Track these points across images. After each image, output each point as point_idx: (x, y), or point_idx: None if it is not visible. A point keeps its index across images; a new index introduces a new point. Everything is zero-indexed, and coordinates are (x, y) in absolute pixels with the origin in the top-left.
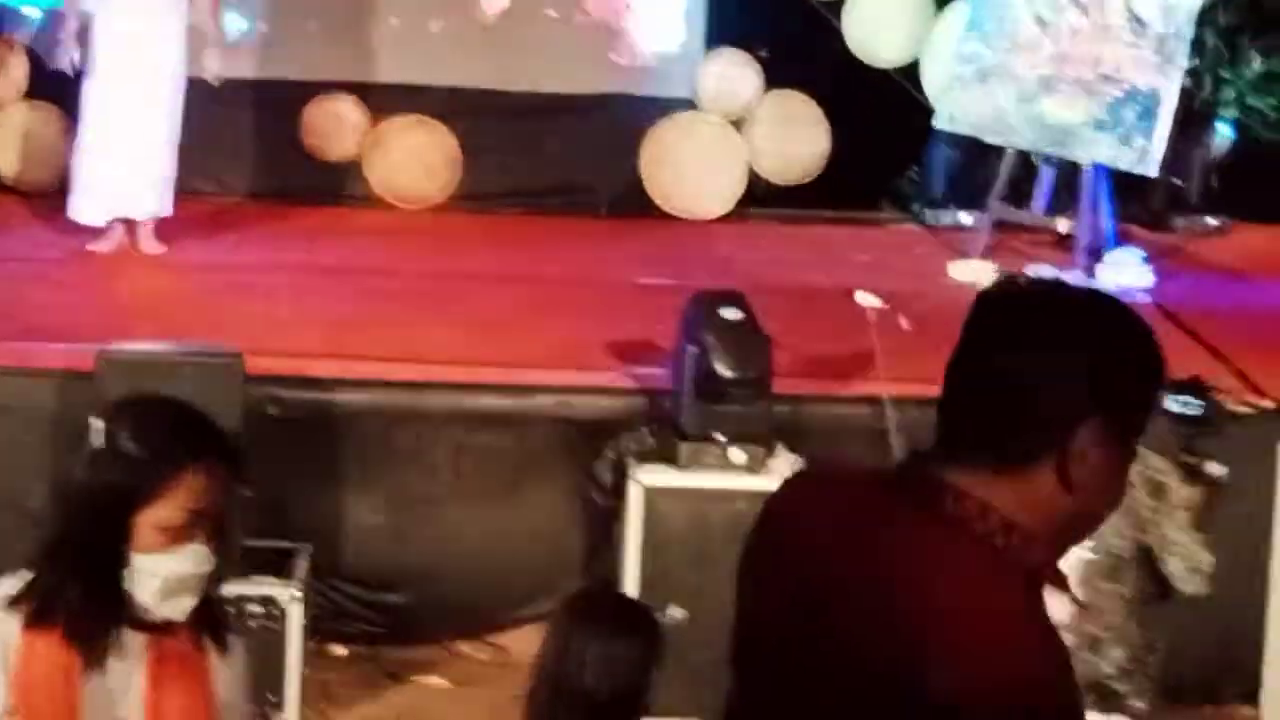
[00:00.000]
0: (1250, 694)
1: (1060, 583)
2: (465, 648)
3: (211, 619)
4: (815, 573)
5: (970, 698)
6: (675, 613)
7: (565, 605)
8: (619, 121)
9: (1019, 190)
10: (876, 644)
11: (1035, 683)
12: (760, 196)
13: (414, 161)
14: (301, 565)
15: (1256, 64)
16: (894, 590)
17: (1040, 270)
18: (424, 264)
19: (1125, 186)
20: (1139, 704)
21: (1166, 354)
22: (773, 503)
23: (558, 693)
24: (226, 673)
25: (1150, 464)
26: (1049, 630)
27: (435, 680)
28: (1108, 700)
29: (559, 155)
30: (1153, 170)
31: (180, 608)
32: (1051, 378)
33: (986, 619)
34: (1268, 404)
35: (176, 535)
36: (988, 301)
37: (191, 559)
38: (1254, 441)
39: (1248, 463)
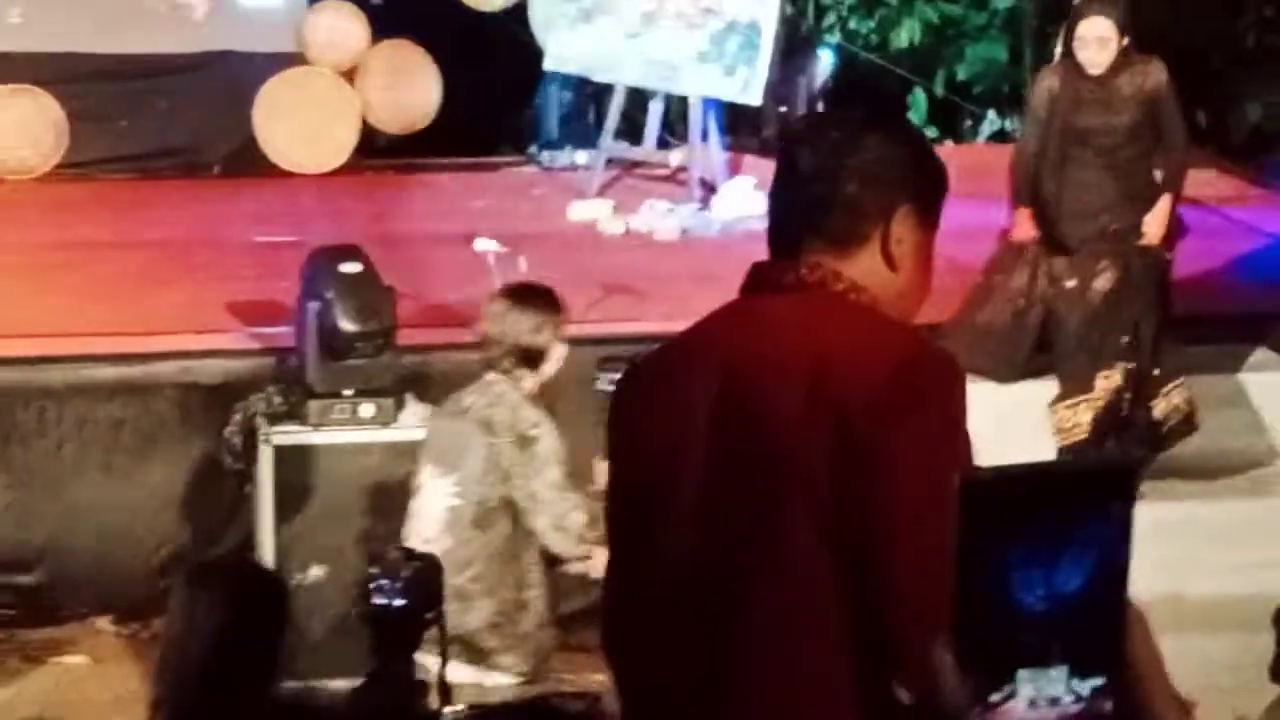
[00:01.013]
0: None
1: None
2: (105, 624)
3: None
4: (708, 385)
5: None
6: (315, 571)
7: (186, 575)
8: (229, 79)
9: (634, 126)
10: (787, 404)
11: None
12: (376, 148)
13: (17, 130)
14: None
15: None
16: (788, 348)
17: (658, 206)
18: (34, 235)
19: (737, 117)
20: (508, 659)
21: None
22: (640, 368)
23: (184, 664)
24: None
25: (521, 416)
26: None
27: (76, 659)
28: (475, 656)
29: (169, 117)
30: (757, 100)
31: None
32: (875, 173)
33: (874, 334)
34: None
35: None
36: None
37: None
38: None
39: None
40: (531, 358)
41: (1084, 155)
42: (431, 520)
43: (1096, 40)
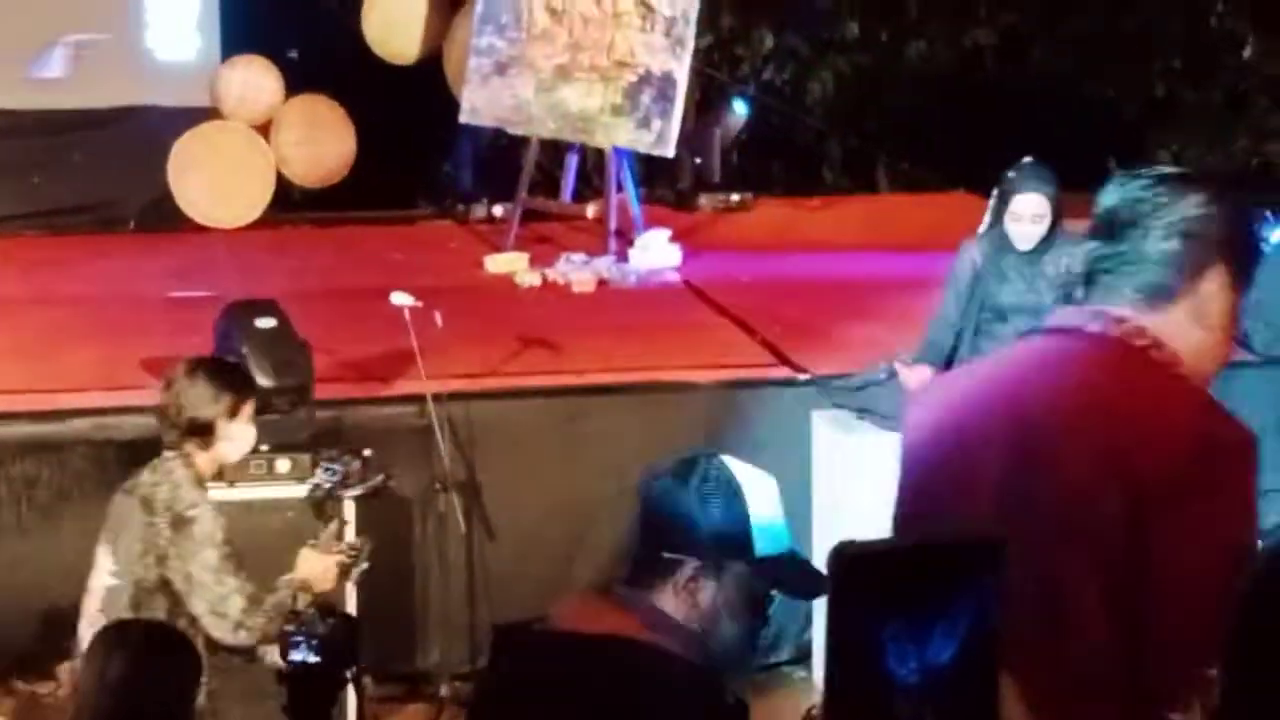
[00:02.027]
0: (803, 657)
1: None
2: (20, 684)
3: None
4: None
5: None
6: None
7: (98, 634)
8: (142, 134)
9: (550, 178)
10: (1079, 464)
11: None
12: (291, 202)
13: None
14: None
15: (769, 40)
16: (1083, 404)
17: (574, 259)
18: None
19: (653, 169)
20: None
21: None
22: (930, 397)
23: None
24: None
25: (180, 495)
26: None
27: None
28: None
29: (82, 172)
30: (669, 151)
31: None
32: (1195, 230)
33: (1172, 402)
34: (793, 374)
35: None
36: (1120, 180)
37: None
38: (787, 410)
39: (784, 430)
40: (204, 435)
41: (1003, 332)
42: (95, 598)
43: (1032, 216)
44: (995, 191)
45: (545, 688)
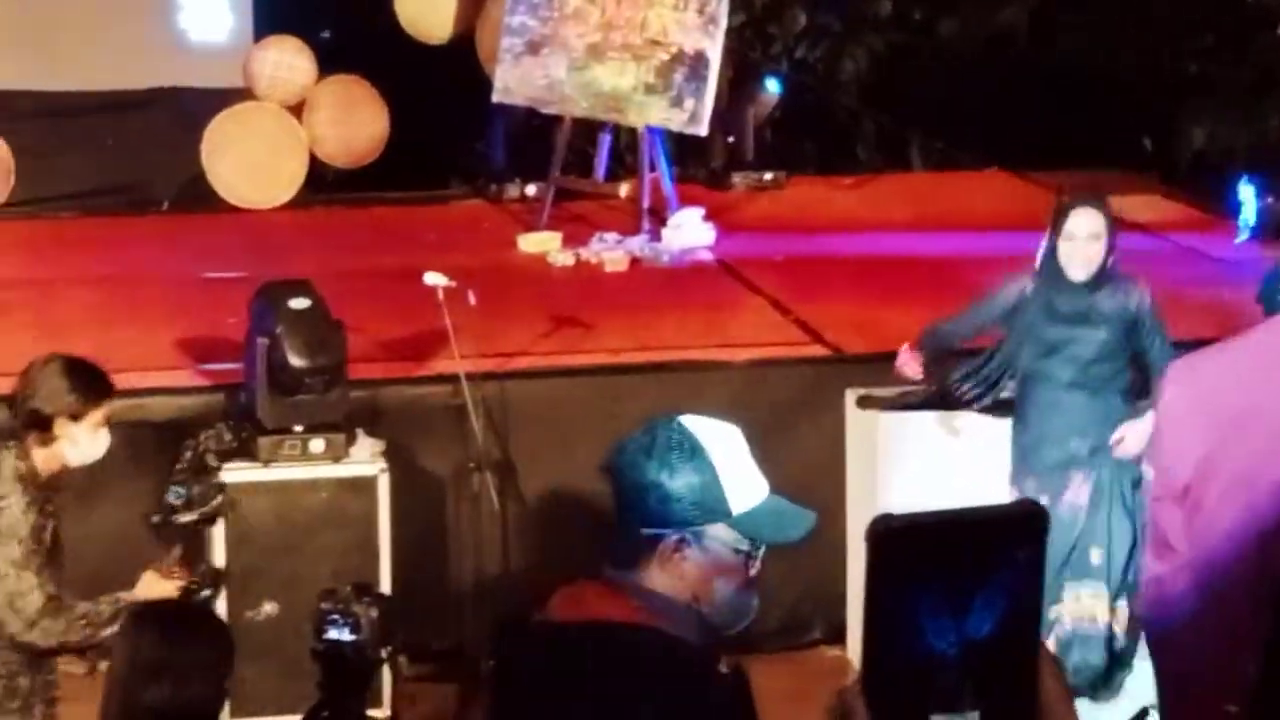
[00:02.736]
0: (836, 635)
1: None
2: (62, 664)
3: None
4: None
5: None
6: (267, 607)
7: (130, 615)
8: (175, 115)
9: (583, 158)
10: None
11: None
12: (325, 182)
13: None
14: None
15: (802, 18)
16: None
17: (607, 238)
18: None
19: (686, 148)
20: None
21: None
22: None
23: (125, 705)
24: None
25: None
26: None
27: None
28: None
29: (115, 153)
30: (703, 130)
31: None
32: None
33: None
34: (826, 351)
35: None
36: None
37: None
38: (822, 387)
39: (819, 408)
40: (43, 430)
41: (1053, 370)
42: None
43: (1087, 235)
44: (1050, 223)
45: (545, 681)
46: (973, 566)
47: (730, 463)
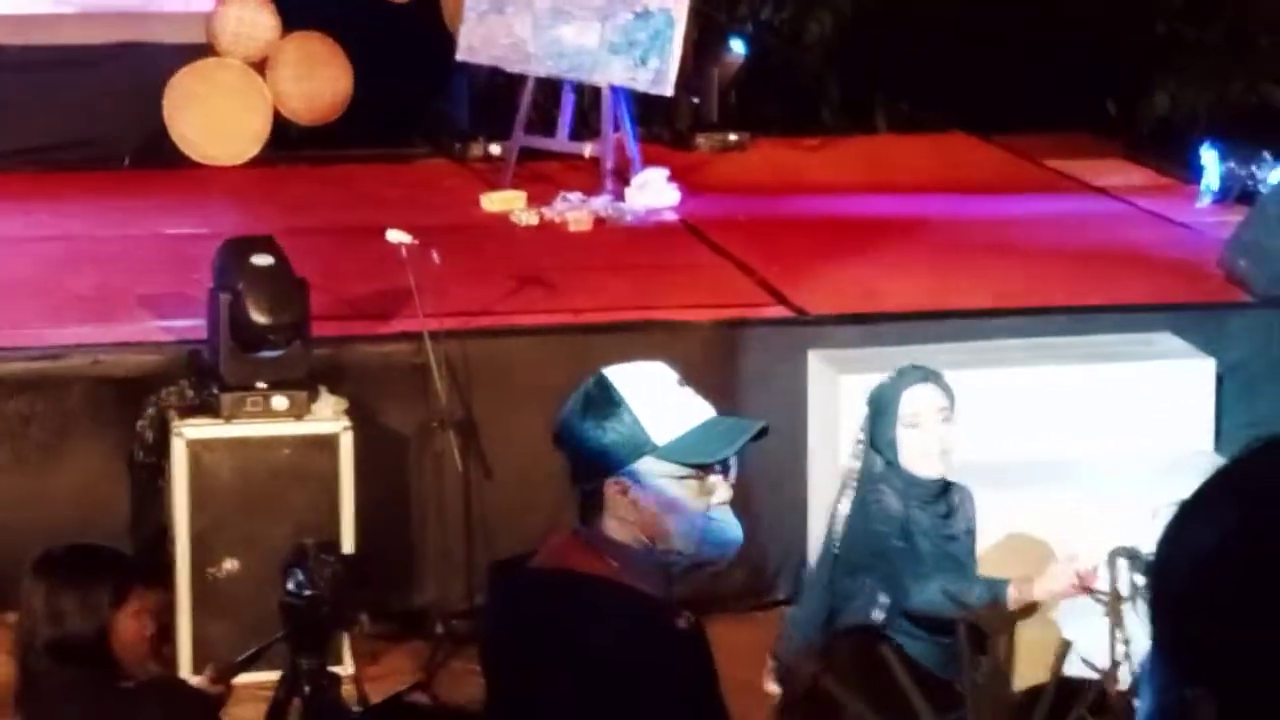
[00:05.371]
0: (799, 595)
1: None
2: (13, 618)
3: None
4: None
5: None
6: (228, 565)
7: (28, 566)
8: (137, 70)
9: (547, 117)
10: None
11: None
12: (288, 140)
13: None
14: None
15: None
16: None
17: (571, 198)
18: None
19: (651, 108)
20: None
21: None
22: None
23: (30, 649)
24: None
25: None
26: None
27: None
28: None
29: (76, 108)
30: (668, 90)
31: None
32: None
33: None
34: (789, 313)
35: None
36: None
37: None
38: (785, 348)
39: (782, 368)
40: None
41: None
42: None
43: (936, 410)
44: (863, 421)
45: (529, 624)
46: None
47: (652, 399)
